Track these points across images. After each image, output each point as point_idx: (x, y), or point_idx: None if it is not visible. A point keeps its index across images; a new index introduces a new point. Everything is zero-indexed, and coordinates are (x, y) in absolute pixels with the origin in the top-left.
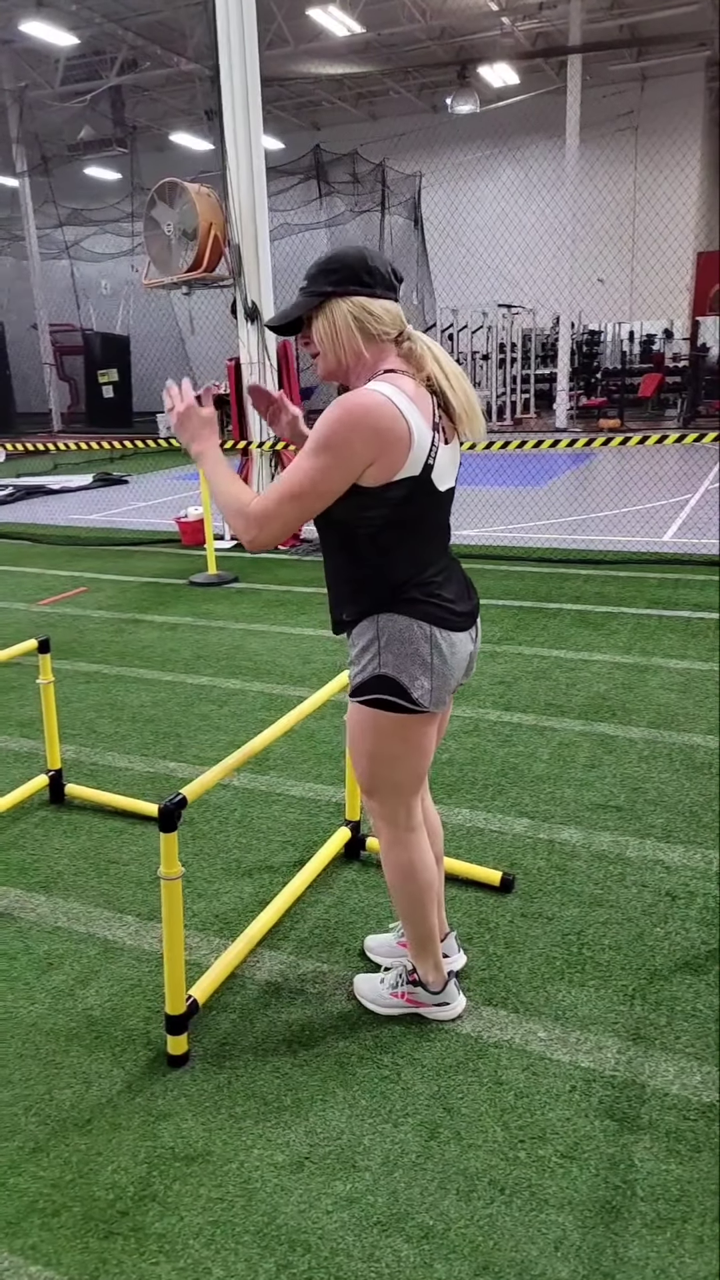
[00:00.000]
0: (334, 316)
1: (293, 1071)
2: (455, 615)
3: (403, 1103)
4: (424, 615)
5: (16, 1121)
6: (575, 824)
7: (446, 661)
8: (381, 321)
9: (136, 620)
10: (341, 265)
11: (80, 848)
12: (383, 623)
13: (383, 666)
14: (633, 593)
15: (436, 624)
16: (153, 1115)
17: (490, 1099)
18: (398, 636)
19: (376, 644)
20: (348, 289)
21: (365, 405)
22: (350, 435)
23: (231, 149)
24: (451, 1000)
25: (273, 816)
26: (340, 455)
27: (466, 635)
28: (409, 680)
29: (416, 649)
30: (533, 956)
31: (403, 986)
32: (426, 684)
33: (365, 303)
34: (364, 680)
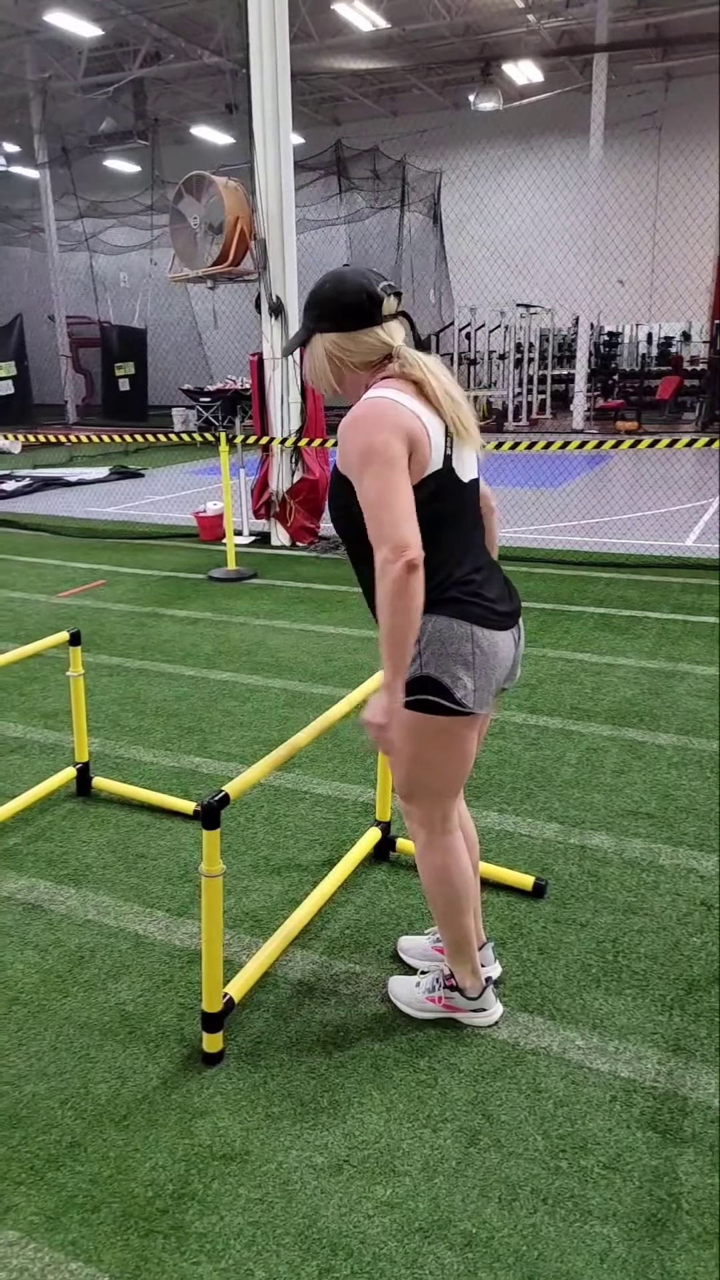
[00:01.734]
0: (314, 353)
1: (328, 1073)
2: (496, 614)
3: (441, 1108)
4: (464, 614)
5: (53, 1115)
6: (606, 830)
7: (489, 661)
8: (358, 354)
9: (157, 614)
10: (316, 303)
11: (108, 841)
12: (422, 624)
13: (424, 667)
14: (657, 597)
15: (477, 622)
16: (189, 1113)
17: (530, 1107)
18: (438, 636)
19: (417, 645)
20: (322, 326)
21: (374, 409)
22: (380, 435)
23: (259, 143)
24: (489, 1007)
25: (300, 815)
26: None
27: (509, 635)
28: (451, 680)
29: (458, 648)
30: (567, 963)
31: (439, 991)
32: (470, 684)
33: (338, 339)
34: (407, 680)
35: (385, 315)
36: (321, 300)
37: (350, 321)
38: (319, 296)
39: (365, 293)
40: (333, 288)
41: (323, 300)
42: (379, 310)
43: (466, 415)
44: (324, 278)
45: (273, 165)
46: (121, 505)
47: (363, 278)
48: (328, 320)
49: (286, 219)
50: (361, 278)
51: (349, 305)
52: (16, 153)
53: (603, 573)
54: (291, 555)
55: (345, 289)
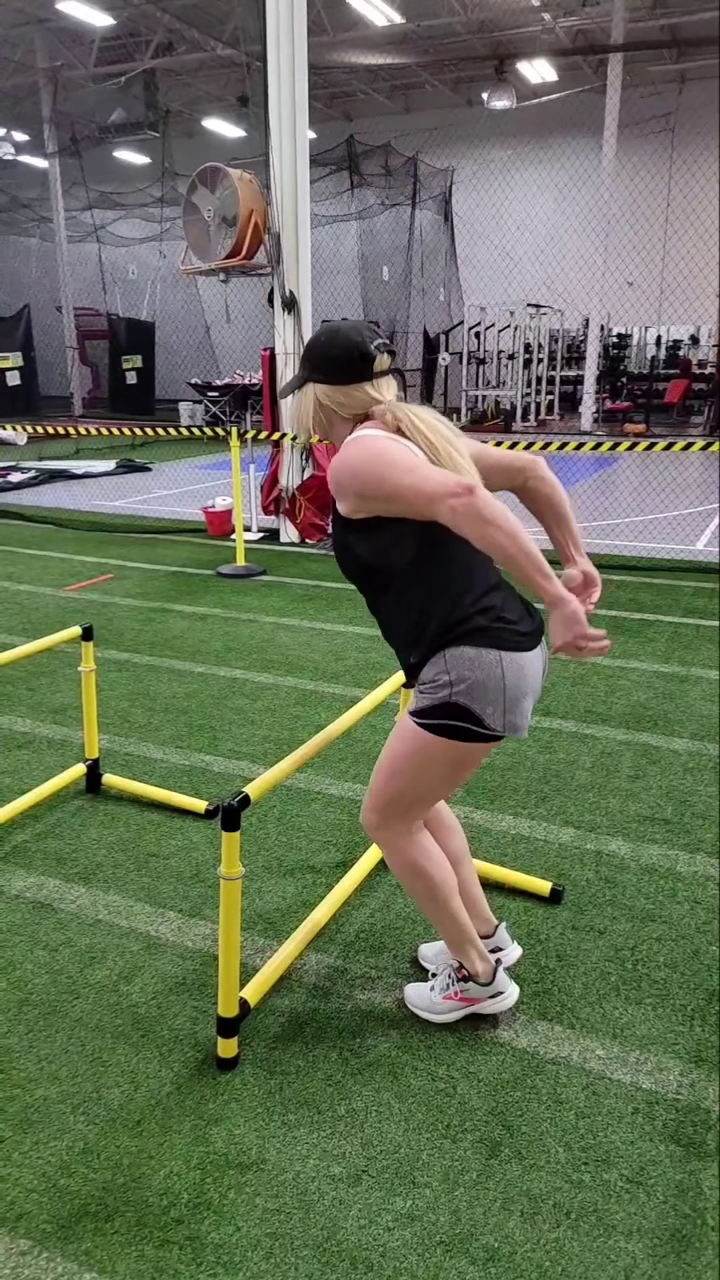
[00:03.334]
0: (304, 400)
1: (345, 1079)
2: (521, 635)
3: (460, 1118)
4: (491, 641)
5: (65, 1120)
6: (622, 835)
7: (520, 685)
8: (345, 407)
9: (165, 609)
10: (309, 355)
11: (118, 839)
12: (450, 656)
13: (455, 695)
14: (668, 601)
15: (505, 647)
16: (204, 1119)
17: (551, 1118)
18: (468, 665)
19: (446, 676)
20: (314, 376)
21: (361, 444)
22: (370, 454)
23: (275, 136)
24: (505, 989)
25: (312, 815)
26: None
27: (537, 654)
28: (481, 708)
29: (488, 676)
30: (586, 971)
31: (454, 986)
32: (500, 710)
33: (328, 391)
34: (433, 705)
35: (377, 372)
36: (314, 353)
37: (340, 376)
38: (313, 348)
39: (358, 350)
40: (325, 341)
41: (316, 353)
42: (370, 367)
43: (458, 456)
44: (320, 330)
45: (288, 158)
46: (128, 499)
47: (357, 334)
48: (319, 372)
49: (301, 213)
50: (356, 334)
51: (339, 360)
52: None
53: (614, 575)
54: (301, 552)
55: (336, 344)
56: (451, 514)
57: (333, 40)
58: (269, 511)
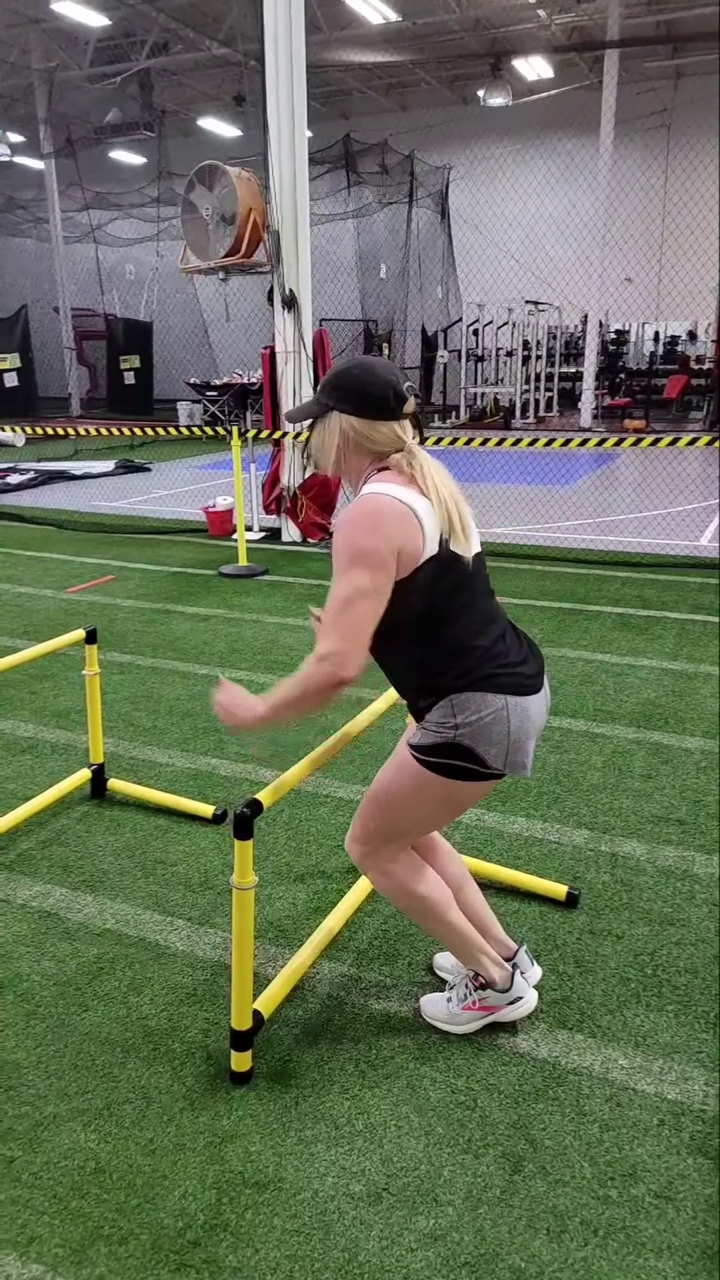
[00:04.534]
0: (329, 429)
1: (362, 1093)
2: (526, 678)
3: (481, 1132)
4: (498, 687)
5: (76, 1138)
6: (637, 837)
7: (524, 728)
8: (373, 443)
9: (168, 610)
10: (342, 385)
11: (124, 845)
12: (457, 702)
13: (459, 737)
14: (674, 597)
15: (511, 692)
16: (218, 1136)
17: (574, 1131)
18: (474, 710)
19: (452, 719)
20: (344, 407)
21: (376, 507)
22: (373, 537)
23: (274, 134)
24: (524, 994)
25: (321, 819)
26: (367, 557)
27: (540, 697)
28: (485, 750)
29: (494, 720)
30: (605, 977)
31: (471, 995)
32: (503, 751)
33: (358, 424)
34: (436, 743)
35: (404, 414)
36: (349, 384)
37: (373, 411)
38: (347, 380)
39: (393, 389)
40: (363, 376)
41: (350, 385)
42: (401, 408)
43: (467, 517)
44: (353, 363)
45: (287, 156)
46: (128, 499)
47: (392, 374)
48: (349, 404)
49: (300, 211)
50: (391, 374)
51: (376, 397)
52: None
53: (618, 571)
54: (302, 551)
55: (375, 381)
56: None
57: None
58: (270, 511)
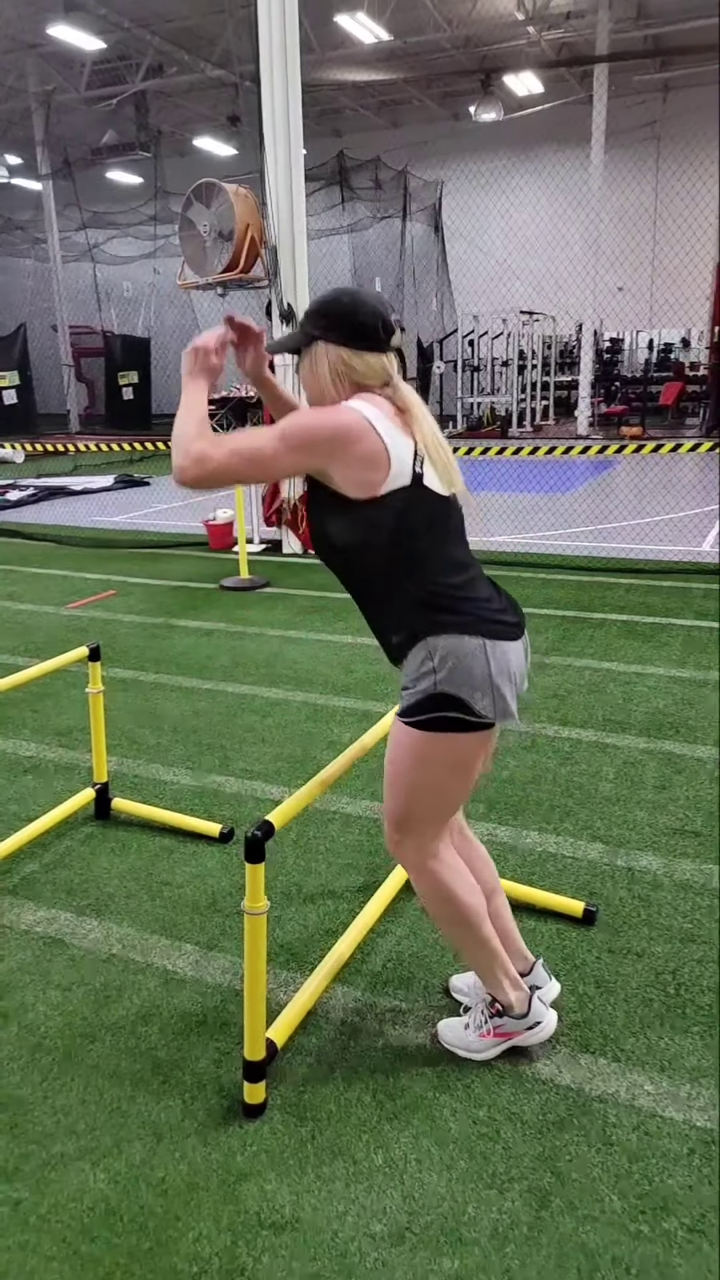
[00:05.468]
0: (314, 359)
1: (380, 1125)
2: (505, 625)
3: (506, 1165)
4: (474, 629)
5: (85, 1178)
6: (653, 850)
7: (504, 672)
8: (359, 373)
9: (170, 625)
10: (329, 314)
11: (130, 867)
12: (433, 644)
13: (440, 685)
14: (679, 604)
15: (489, 635)
16: (232, 1174)
17: (602, 1163)
18: (452, 653)
19: (430, 663)
20: (330, 337)
21: (341, 423)
22: (320, 440)
23: (270, 151)
24: (542, 1019)
25: (330, 837)
26: (302, 450)
27: (519, 645)
28: (469, 694)
29: (473, 663)
30: (627, 998)
31: (488, 1023)
32: (489, 696)
33: (346, 355)
34: (420, 699)
35: (391, 346)
36: (337, 313)
37: (361, 341)
38: (336, 309)
39: (381, 319)
40: (350, 304)
41: (338, 314)
42: (389, 339)
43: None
44: (340, 292)
45: (283, 173)
46: (128, 514)
47: (380, 304)
48: (337, 333)
49: (297, 226)
50: (379, 303)
51: (364, 325)
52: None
53: (621, 579)
54: (303, 563)
55: (363, 309)
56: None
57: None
58: (271, 523)
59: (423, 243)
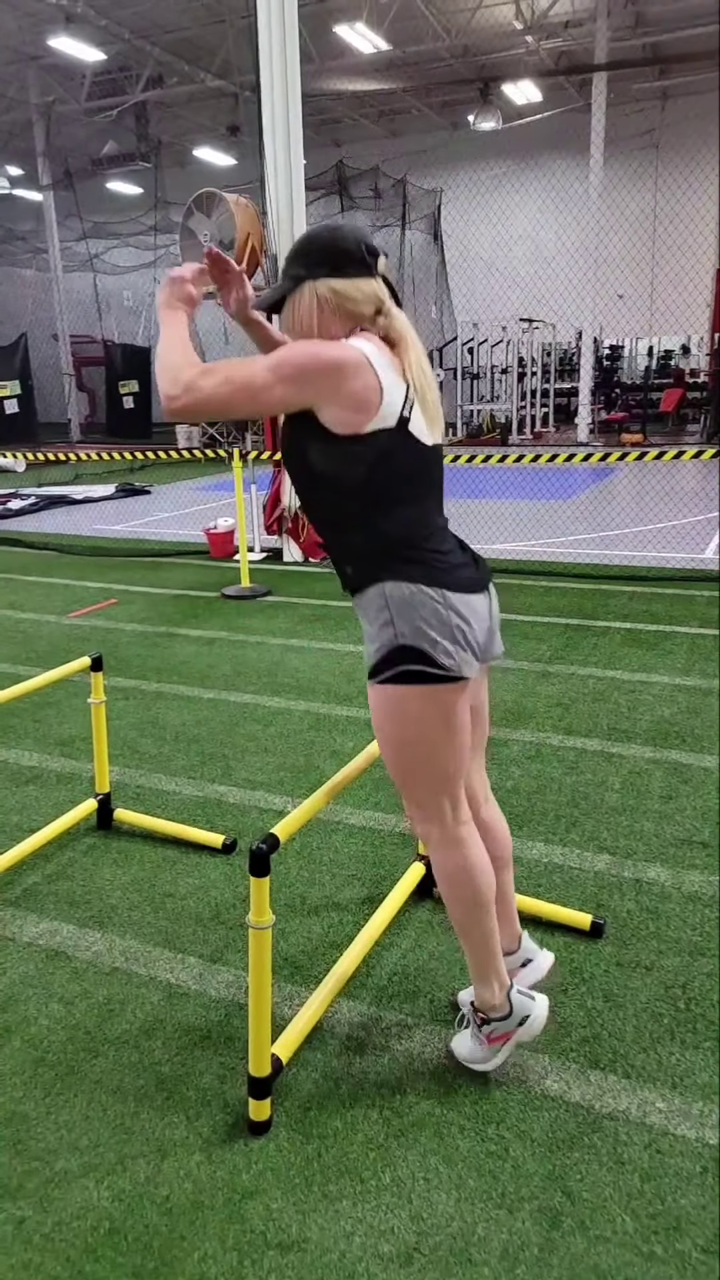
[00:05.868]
0: (304, 302)
1: (388, 1143)
2: (466, 578)
3: (515, 1185)
4: (432, 579)
5: (88, 1196)
6: (661, 861)
7: (467, 622)
8: (354, 301)
9: (171, 634)
10: (311, 250)
11: (132, 878)
12: (389, 591)
13: (400, 637)
14: (682, 611)
15: (448, 586)
16: (237, 1192)
17: (613, 1182)
18: (409, 603)
19: (388, 613)
20: (318, 272)
21: (335, 355)
22: (313, 372)
23: (270, 160)
24: (529, 1011)
25: (334, 847)
26: (294, 382)
27: (483, 598)
28: (430, 645)
29: (432, 612)
30: (636, 1012)
31: (479, 1031)
32: (450, 647)
33: (336, 285)
34: (383, 655)
35: (378, 272)
36: (318, 248)
37: (348, 268)
38: (317, 244)
39: (364, 242)
40: (329, 235)
41: (320, 247)
42: (375, 263)
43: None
44: (316, 229)
45: (283, 182)
46: (129, 523)
47: (359, 230)
48: (325, 265)
49: (298, 234)
50: (358, 230)
51: (347, 251)
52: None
53: (624, 586)
54: (305, 571)
55: (342, 236)
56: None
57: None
58: (272, 531)
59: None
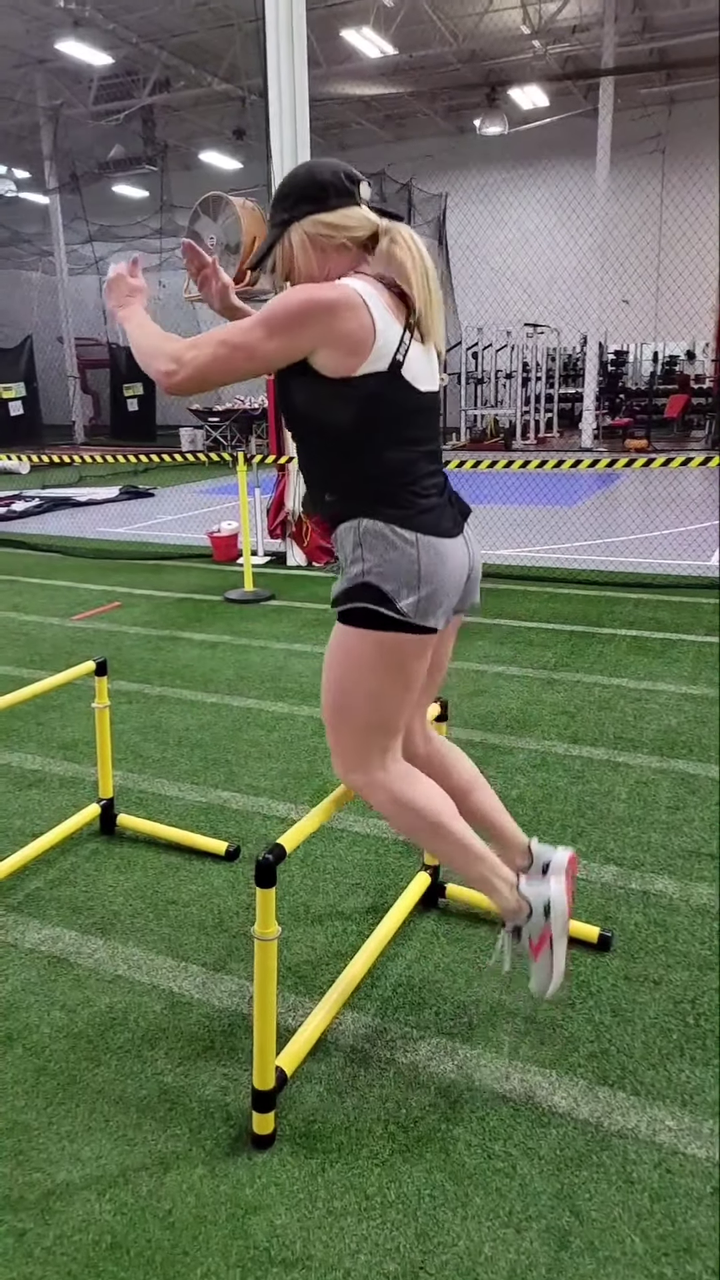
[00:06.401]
0: (293, 242)
1: (393, 1158)
2: (443, 522)
3: (523, 1203)
4: (405, 521)
5: (90, 1209)
6: (669, 873)
7: (438, 570)
8: (345, 229)
9: (174, 637)
10: (291, 190)
11: (135, 885)
12: (364, 527)
13: (366, 574)
14: (688, 619)
15: (422, 529)
16: (241, 1207)
17: (622, 1202)
18: (380, 541)
19: (360, 549)
20: (302, 210)
21: (334, 298)
22: (308, 317)
23: (277, 165)
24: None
25: (338, 855)
26: (288, 331)
27: (459, 542)
28: (394, 588)
29: (402, 554)
30: (645, 1028)
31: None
32: (415, 595)
33: (324, 219)
34: (346, 588)
35: (363, 198)
36: (297, 186)
37: (335, 199)
38: (294, 183)
39: (342, 171)
40: (305, 170)
41: (299, 185)
42: (358, 189)
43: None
44: (290, 171)
45: None
46: (132, 525)
47: (334, 162)
48: (309, 202)
49: None
50: (333, 162)
51: (327, 182)
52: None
53: (629, 593)
54: (308, 575)
55: (319, 168)
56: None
57: (327, 73)
58: (275, 535)
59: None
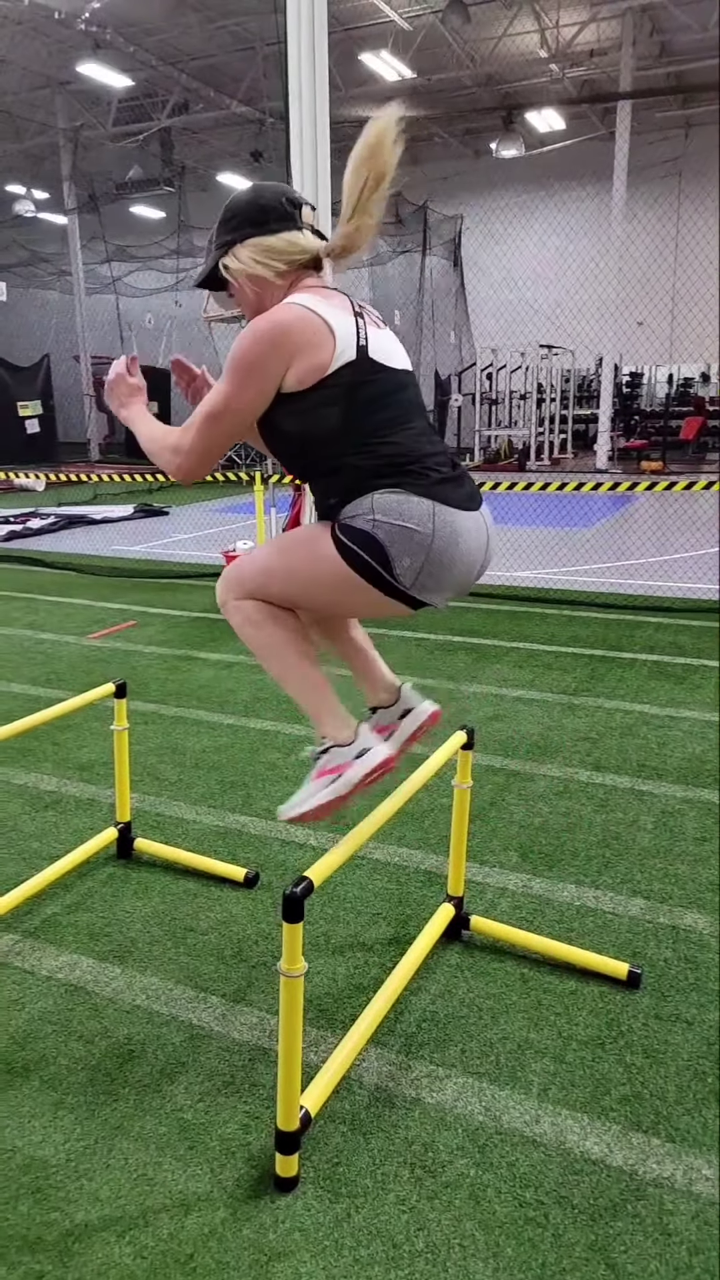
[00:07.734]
0: (236, 266)
1: (420, 1204)
2: (459, 493)
3: (556, 1255)
4: (423, 490)
5: (110, 1251)
6: (698, 907)
7: (449, 547)
8: (284, 254)
9: (190, 657)
10: (232, 214)
11: (153, 911)
12: (378, 500)
13: (376, 529)
14: (710, 644)
15: (439, 499)
16: (264, 1254)
17: (660, 1255)
18: (395, 509)
19: (372, 510)
20: (242, 234)
21: (277, 321)
22: (263, 354)
23: (297, 186)
24: (370, 744)
25: (358, 884)
26: (254, 374)
27: (477, 518)
28: (397, 555)
29: (416, 524)
30: (679, 1070)
31: (316, 763)
32: (415, 564)
33: (263, 242)
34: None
35: (304, 222)
36: (237, 210)
37: (274, 223)
38: (232, 208)
39: (284, 194)
40: (247, 195)
41: (238, 209)
42: (299, 213)
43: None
44: (234, 195)
45: None
46: (147, 543)
47: (279, 186)
48: (249, 225)
49: None
50: (278, 186)
51: (267, 206)
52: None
53: (649, 617)
54: None
55: (261, 192)
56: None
57: (345, 95)
58: None
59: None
